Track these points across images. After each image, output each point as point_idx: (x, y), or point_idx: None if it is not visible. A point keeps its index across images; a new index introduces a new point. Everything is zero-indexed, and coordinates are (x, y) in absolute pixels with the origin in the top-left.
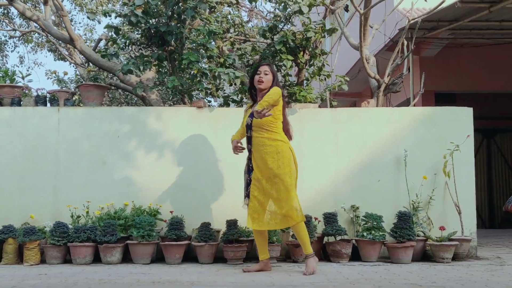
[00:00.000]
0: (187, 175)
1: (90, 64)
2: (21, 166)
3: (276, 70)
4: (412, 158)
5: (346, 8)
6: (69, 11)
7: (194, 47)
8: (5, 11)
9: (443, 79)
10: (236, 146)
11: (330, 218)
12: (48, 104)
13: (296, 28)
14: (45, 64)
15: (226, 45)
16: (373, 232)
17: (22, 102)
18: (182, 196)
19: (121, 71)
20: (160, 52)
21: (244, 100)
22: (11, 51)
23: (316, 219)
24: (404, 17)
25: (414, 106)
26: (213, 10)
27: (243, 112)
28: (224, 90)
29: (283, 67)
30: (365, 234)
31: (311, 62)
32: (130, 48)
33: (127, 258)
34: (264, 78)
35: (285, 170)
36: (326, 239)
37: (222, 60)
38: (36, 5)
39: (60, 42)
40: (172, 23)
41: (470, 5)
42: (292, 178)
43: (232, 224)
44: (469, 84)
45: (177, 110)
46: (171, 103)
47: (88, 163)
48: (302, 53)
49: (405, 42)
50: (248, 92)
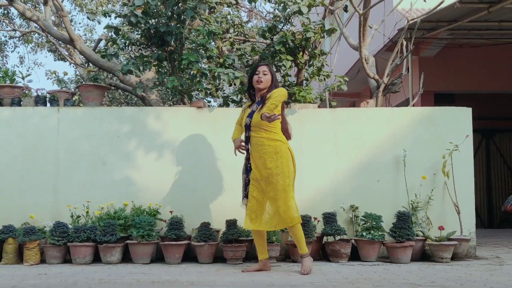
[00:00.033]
0: (186, 175)
1: (90, 64)
2: (21, 166)
3: (274, 70)
4: (411, 158)
5: (345, 9)
6: (69, 12)
7: (193, 48)
8: (5, 12)
9: (442, 79)
10: (240, 145)
11: (330, 218)
12: (48, 104)
13: (295, 29)
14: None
15: (226, 45)
16: (372, 232)
17: (22, 102)
18: (182, 196)
19: (121, 71)
20: (159, 52)
21: (244, 100)
22: (11, 52)
23: (315, 219)
24: (403, 17)
25: (413, 106)
26: (212, 10)
27: (241, 112)
28: (224, 90)
29: (283, 67)
30: (364, 234)
31: (311, 63)
32: (130, 49)
33: (127, 258)
34: (263, 78)
35: (283, 170)
36: (325, 239)
37: (221, 60)
38: (36, 5)
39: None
40: (171, 24)
41: (469, 5)
42: (290, 179)
43: (231, 224)
44: (468, 85)
45: (176, 110)
46: (170, 103)
47: (88, 163)
48: (301, 53)
49: (404, 43)
50: (246, 92)
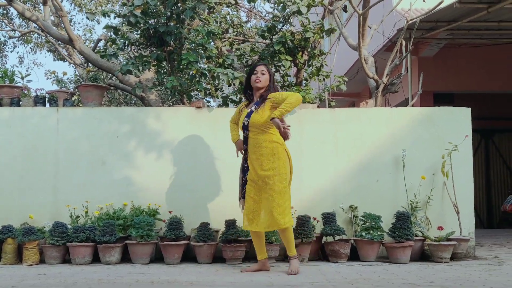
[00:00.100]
0: (186, 175)
1: (89, 64)
2: (20, 166)
3: (273, 70)
4: (410, 158)
5: (345, 9)
6: (68, 12)
7: (193, 48)
8: (4, 12)
9: (441, 80)
10: (243, 147)
11: (329, 218)
12: (47, 104)
13: (294, 29)
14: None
15: (225, 45)
16: (371, 232)
17: (21, 103)
18: (181, 196)
19: (120, 71)
20: (159, 52)
21: (243, 100)
22: (11, 52)
23: (314, 219)
24: (402, 17)
25: (412, 106)
26: (212, 10)
27: (237, 111)
28: (223, 91)
29: (282, 68)
30: (363, 234)
31: (310, 63)
32: (129, 49)
33: (126, 258)
34: (262, 78)
35: (280, 172)
36: (324, 239)
37: (221, 60)
38: (35, 5)
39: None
40: (171, 24)
41: (469, 5)
42: (286, 181)
43: (231, 224)
44: (467, 85)
45: (176, 110)
46: (170, 103)
47: (87, 163)
48: (300, 53)
49: (403, 43)
50: (243, 92)
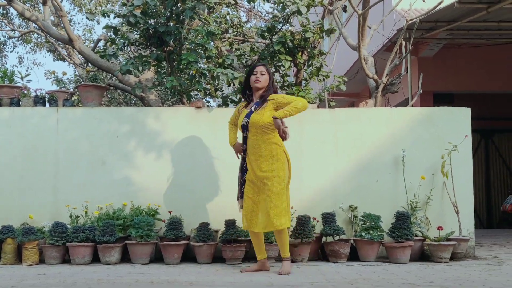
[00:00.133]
0: (186, 175)
1: (89, 64)
2: (20, 166)
3: (273, 70)
4: (410, 158)
5: (345, 9)
6: (68, 12)
7: (192, 48)
8: (4, 12)
9: (441, 80)
10: (241, 150)
11: (329, 218)
12: (47, 104)
13: (294, 29)
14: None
15: (225, 45)
16: (371, 232)
17: (21, 103)
18: (181, 196)
19: (120, 71)
20: (158, 52)
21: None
22: (10, 52)
23: (314, 219)
24: (402, 17)
25: (412, 106)
26: (211, 10)
27: (235, 112)
28: (223, 91)
29: (282, 68)
30: (363, 234)
31: (310, 63)
32: (129, 49)
33: (126, 258)
34: (261, 78)
35: (278, 173)
36: (324, 239)
37: (220, 60)
38: (35, 5)
39: (59, 42)
40: (170, 24)
41: (468, 5)
42: (285, 183)
43: (230, 224)
44: (467, 85)
45: (176, 110)
46: (170, 104)
47: (87, 163)
48: (300, 53)
49: (403, 43)
50: (241, 92)
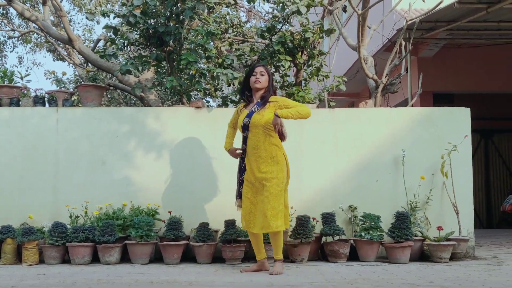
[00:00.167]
0: (185, 175)
1: (88, 64)
2: (20, 166)
3: (273, 70)
4: (410, 158)
5: (344, 9)
6: (68, 12)
7: (192, 48)
8: (4, 12)
9: (441, 80)
10: (237, 155)
11: (328, 218)
12: (47, 105)
13: (294, 29)
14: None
15: (225, 45)
16: (371, 232)
17: (20, 103)
18: (181, 196)
19: (119, 71)
20: (158, 52)
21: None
22: (10, 52)
23: (314, 219)
24: (402, 17)
25: (412, 106)
26: (211, 10)
27: (235, 113)
28: (223, 91)
29: (282, 68)
30: (363, 234)
31: (309, 63)
32: (128, 49)
33: (125, 258)
34: (261, 79)
35: (277, 175)
36: (324, 239)
37: (220, 60)
38: (35, 5)
39: (59, 42)
40: (170, 24)
41: (468, 5)
42: (283, 185)
43: (230, 224)
44: (466, 85)
45: (175, 111)
46: (169, 104)
47: (87, 163)
48: (300, 53)
49: (403, 43)
50: (240, 93)
